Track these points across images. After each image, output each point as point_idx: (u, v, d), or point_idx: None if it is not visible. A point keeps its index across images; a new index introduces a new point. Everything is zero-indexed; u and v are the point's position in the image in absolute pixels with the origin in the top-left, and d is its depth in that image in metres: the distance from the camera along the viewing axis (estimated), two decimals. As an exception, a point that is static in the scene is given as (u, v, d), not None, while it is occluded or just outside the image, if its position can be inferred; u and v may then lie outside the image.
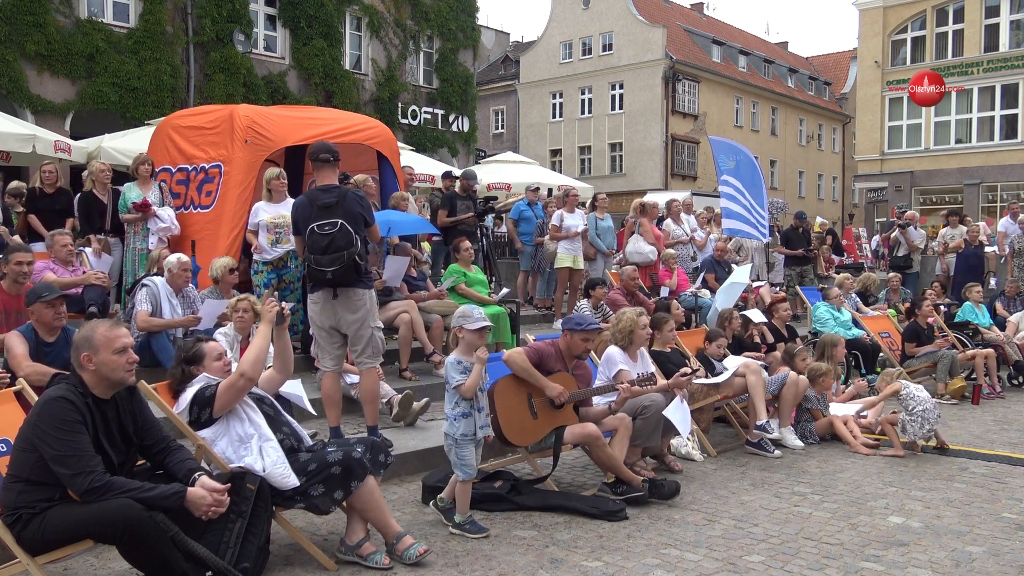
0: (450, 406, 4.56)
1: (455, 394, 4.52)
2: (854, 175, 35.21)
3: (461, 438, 4.51)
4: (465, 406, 4.51)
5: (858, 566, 4.18)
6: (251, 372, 4.08)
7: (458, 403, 4.52)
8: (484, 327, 4.60)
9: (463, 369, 4.52)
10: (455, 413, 4.52)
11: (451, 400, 4.55)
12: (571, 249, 10.74)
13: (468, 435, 4.51)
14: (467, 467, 4.53)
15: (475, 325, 4.57)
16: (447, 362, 4.59)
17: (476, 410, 4.54)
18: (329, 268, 5.26)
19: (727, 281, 9.51)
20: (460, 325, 4.61)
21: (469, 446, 4.53)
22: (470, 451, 4.54)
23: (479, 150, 26.67)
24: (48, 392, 3.46)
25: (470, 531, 4.53)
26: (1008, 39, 28.08)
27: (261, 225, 7.63)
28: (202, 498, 3.45)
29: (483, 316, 4.65)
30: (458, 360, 4.55)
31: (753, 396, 6.46)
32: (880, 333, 9.68)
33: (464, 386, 4.48)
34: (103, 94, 16.88)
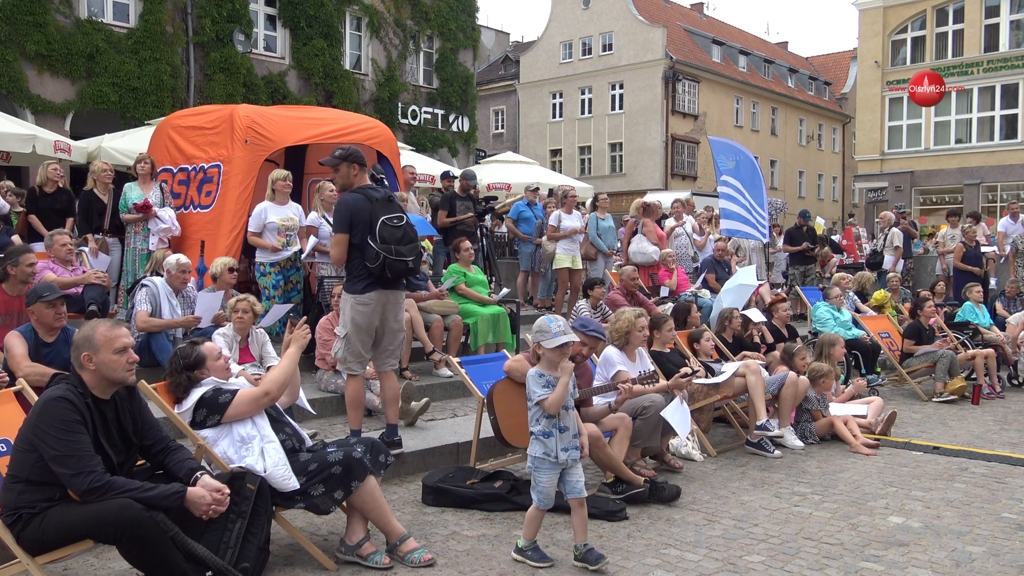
0: (532, 424, 4.12)
1: (538, 410, 4.07)
2: (854, 175, 35.22)
3: (539, 460, 4.07)
4: (546, 424, 4.05)
5: (858, 566, 4.18)
6: (276, 392, 4.15)
7: (539, 420, 4.08)
8: (566, 343, 4.07)
9: (546, 383, 4.05)
10: (537, 430, 4.08)
11: (533, 417, 4.11)
12: (569, 249, 10.74)
13: (547, 456, 4.03)
14: (542, 495, 4.07)
15: (554, 342, 4.06)
16: (528, 375, 4.13)
17: (558, 429, 4.05)
18: (410, 257, 5.22)
19: (734, 282, 9.50)
20: (538, 342, 4.14)
21: (548, 471, 4.05)
22: (548, 477, 4.05)
23: (479, 150, 26.67)
24: (48, 392, 3.46)
25: (532, 558, 4.14)
26: (1008, 39, 28.08)
27: (270, 227, 7.62)
28: (202, 497, 3.44)
29: (563, 329, 4.11)
30: (540, 373, 4.09)
31: (753, 396, 6.47)
32: (880, 333, 9.68)
33: (547, 400, 4.00)
34: (103, 94, 16.88)
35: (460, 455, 5.86)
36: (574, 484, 4.09)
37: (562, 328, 4.10)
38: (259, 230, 7.66)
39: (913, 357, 9.24)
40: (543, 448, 4.04)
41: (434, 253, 11.06)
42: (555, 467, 4.04)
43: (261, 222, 7.64)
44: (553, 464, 4.03)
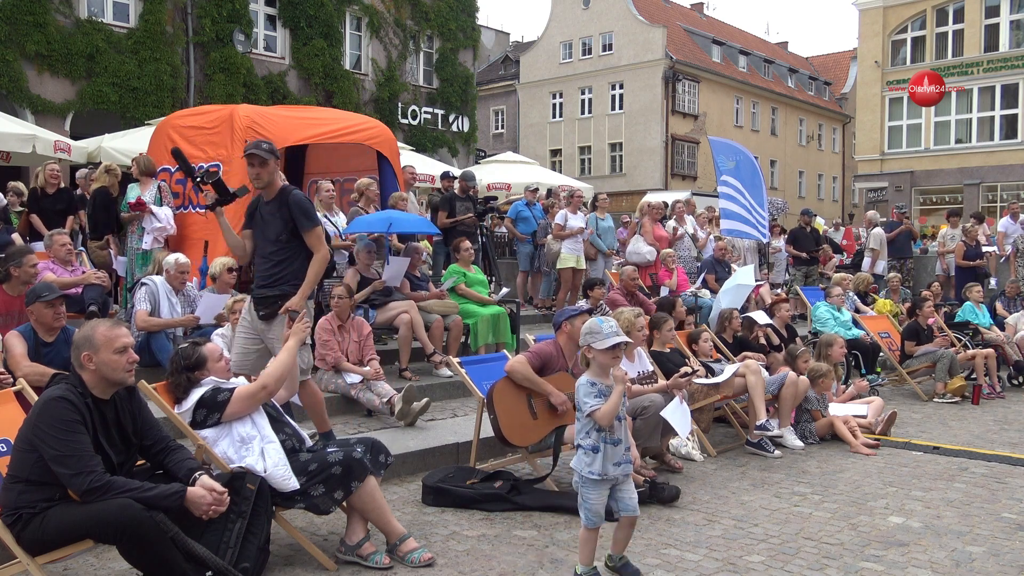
0: (581, 435, 3.78)
1: (588, 422, 3.74)
2: (854, 175, 35.22)
3: (587, 477, 3.72)
4: (596, 438, 3.71)
5: (858, 566, 4.18)
6: (274, 386, 4.14)
7: (589, 432, 3.74)
8: (617, 344, 3.75)
9: (598, 392, 3.73)
10: (587, 444, 3.74)
11: (583, 429, 3.77)
12: (574, 249, 10.75)
13: (597, 475, 3.71)
14: (591, 512, 3.74)
15: (606, 343, 3.73)
16: (578, 384, 3.81)
17: (610, 443, 3.72)
18: None
19: (731, 282, 9.50)
20: (588, 344, 3.78)
21: (598, 488, 3.72)
22: (598, 494, 3.72)
23: (479, 150, 26.67)
24: (47, 392, 3.46)
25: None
26: (1008, 39, 28.07)
27: None
28: (202, 497, 3.44)
29: (615, 330, 3.78)
30: (591, 381, 3.76)
31: (753, 396, 6.47)
32: (880, 333, 9.67)
33: (600, 411, 3.67)
34: (103, 94, 16.89)
35: (460, 455, 5.86)
36: (627, 501, 3.79)
37: (614, 329, 3.78)
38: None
39: (913, 357, 9.24)
40: (592, 464, 3.71)
41: (434, 253, 11.07)
42: (605, 483, 3.73)
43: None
44: (602, 480, 3.71)
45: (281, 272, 5.06)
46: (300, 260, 5.07)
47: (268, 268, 5.11)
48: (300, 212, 5.02)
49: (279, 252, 5.07)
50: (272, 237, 5.07)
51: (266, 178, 5.05)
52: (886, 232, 14.16)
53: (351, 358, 6.69)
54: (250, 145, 5.05)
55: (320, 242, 5.10)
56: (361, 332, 6.85)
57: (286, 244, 5.05)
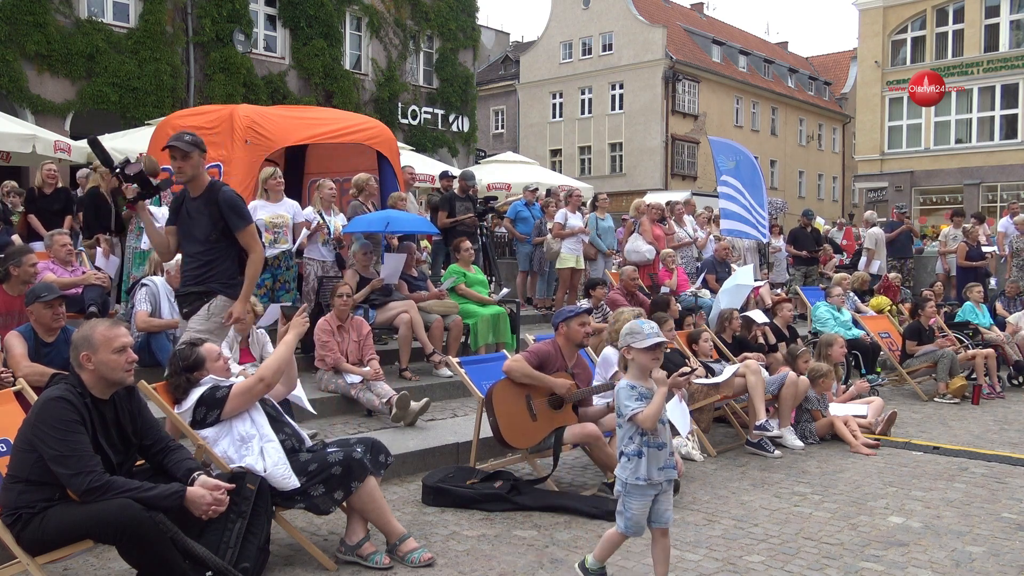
0: (623, 442, 3.65)
1: (630, 427, 3.62)
2: (854, 175, 35.21)
3: (632, 483, 3.59)
4: (639, 443, 3.59)
5: (858, 566, 4.18)
6: (272, 379, 4.12)
7: (632, 438, 3.61)
8: (658, 344, 3.63)
9: (639, 395, 3.61)
10: (630, 450, 3.61)
11: (626, 435, 3.65)
12: (574, 249, 10.75)
13: (643, 479, 3.57)
14: (631, 522, 3.61)
15: (646, 342, 3.60)
16: (618, 388, 3.68)
17: (654, 447, 3.59)
18: None
19: (731, 282, 9.50)
20: (628, 344, 3.66)
21: (642, 495, 3.58)
22: (641, 503, 3.59)
23: (479, 150, 26.67)
24: (47, 392, 3.46)
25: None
26: (1008, 39, 28.06)
27: (259, 224, 7.60)
28: (202, 497, 3.44)
29: (655, 331, 3.67)
30: (632, 385, 3.64)
31: (753, 396, 6.47)
32: (880, 333, 9.67)
33: (642, 414, 3.54)
34: (103, 94, 16.89)
35: (460, 455, 5.85)
36: (663, 512, 3.65)
37: (655, 329, 3.68)
38: None
39: (913, 357, 9.24)
40: (636, 469, 3.58)
41: (434, 253, 11.07)
42: (649, 490, 3.59)
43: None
44: (647, 487, 3.58)
45: (208, 273, 4.81)
46: (230, 260, 4.84)
47: (195, 268, 4.86)
48: (231, 210, 4.76)
49: (208, 252, 4.81)
50: (200, 236, 4.80)
51: (189, 172, 4.77)
52: (887, 232, 14.16)
53: (350, 358, 6.69)
54: (172, 137, 4.77)
55: (255, 240, 4.87)
56: (360, 332, 6.85)
57: (215, 244, 4.79)
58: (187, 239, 4.88)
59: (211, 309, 4.85)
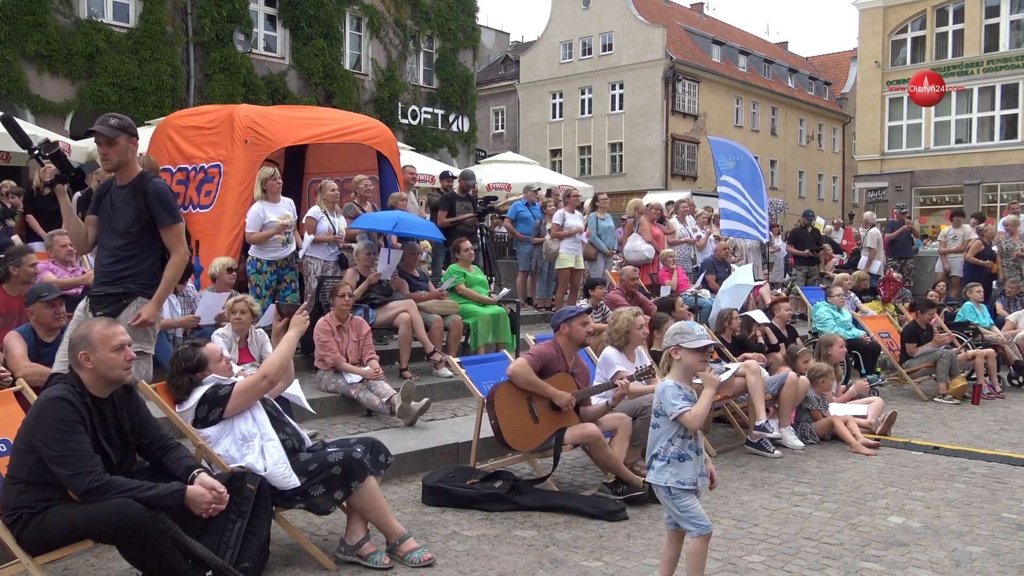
0: (661, 443, 3.54)
1: (672, 427, 3.51)
2: (854, 175, 35.20)
3: (676, 488, 3.50)
4: (682, 445, 3.51)
5: (858, 566, 4.18)
6: (274, 375, 4.11)
7: (673, 440, 3.51)
8: (708, 346, 3.59)
9: (685, 395, 3.52)
10: (670, 454, 3.50)
11: (665, 436, 3.53)
12: (573, 249, 10.75)
13: (690, 483, 3.51)
14: (697, 519, 3.51)
15: (697, 343, 3.55)
16: (662, 388, 3.58)
17: (694, 451, 3.54)
18: None
19: (731, 282, 9.49)
20: (677, 344, 3.59)
21: (688, 496, 3.53)
22: (693, 500, 3.54)
23: (479, 150, 26.67)
24: (46, 392, 3.45)
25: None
26: (1008, 39, 28.06)
27: (270, 225, 7.60)
28: (202, 495, 3.45)
29: (705, 334, 3.63)
30: (678, 385, 3.55)
31: (753, 396, 6.46)
32: (880, 333, 9.67)
33: (691, 413, 3.47)
34: (103, 94, 16.89)
35: (460, 455, 5.85)
36: None
37: (705, 332, 3.64)
38: (258, 230, 7.64)
39: (913, 357, 9.24)
40: (679, 473, 3.49)
41: (434, 253, 11.07)
42: (692, 492, 3.53)
43: (260, 222, 7.61)
44: (694, 489, 3.52)
45: (125, 270, 4.42)
46: (151, 259, 4.46)
47: (111, 264, 4.45)
48: (160, 204, 4.39)
49: (127, 247, 4.42)
50: (121, 228, 4.42)
51: (115, 159, 4.39)
52: (887, 232, 14.16)
53: (350, 358, 6.69)
54: (97, 121, 4.39)
55: (180, 241, 4.49)
56: (360, 332, 6.85)
57: (136, 238, 4.41)
58: (106, 231, 4.48)
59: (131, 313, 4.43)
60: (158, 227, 4.42)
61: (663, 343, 3.72)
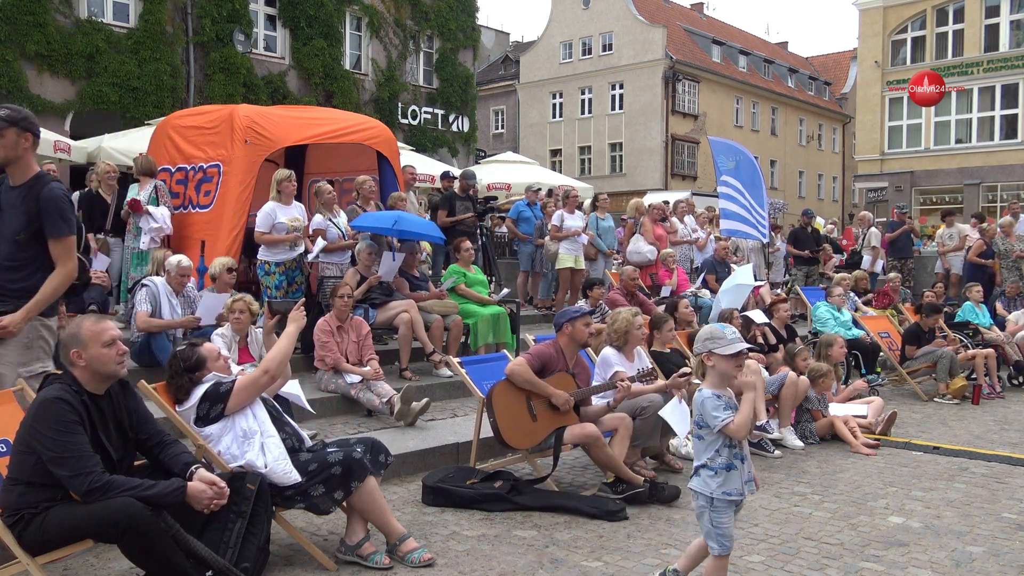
0: (708, 454, 3.44)
1: (718, 439, 3.40)
2: (854, 175, 35.20)
3: (721, 499, 3.38)
4: (728, 455, 3.40)
5: (858, 566, 4.18)
6: (276, 370, 4.11)
7: (720, 450, 3.40)
8: (742, 351, 3.46)
9: (726, 404, 3.42)
10: (717, 464, 3.40)
11: (711, 447, 3.43)
12: (572, 249, 10.74)
13: (731, 494, 3.39)
14: (725, 538, 3.39)
15: (730, 349, 3.43)
16: (701, 399, 3.45)
17: (740, 460, 3.43)
18: None
19: (731, 282, 9.49)
20: (709, 350, 3.47)
21: (727, 510, 3.39)
22: (730, 516, 3.40)
23: (479, 150, 26.66)
24: (43, 393, 3.44)
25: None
26: (1008, 39, 28.06)
27: (279, 227, 7.60)
28: (202, 492, 3.45)
29: (737, 336, 3.51)
30: (716, 394, 3.43)
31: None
32: (880, 333, 9.67)
33: (736, 423, 3.35)
34: (103, 94, 16.88)
35: (460, 455, 5.86)
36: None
37: (737, 335, 3.51)
38: (269, 230, 7.64)
39: (913, 358, 9.24)
40: (724, 484, 3.37)
41: (434, 253, 11.06)
42: (733, 505, 3.41)
43: (271, 222, 7.60)
44: (739, 500, 3.42)
45: (13, 282, 3.92)
46: (41, 274, 3.94)
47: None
48: (53, 212, 3.90)
49: (13, 255, 3.92)
50: (8, 234, 3.92)
51: (1, 154, 3.91)
52: (888, 232, 14.16)
53: (350, 358, 6.69)
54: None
55: (68, 255, 3.97)
56: (360, 332, 6.85)
57: (24, 247, 3.92)
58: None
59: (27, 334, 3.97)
60: (47, 236, 3.91)
61: (694, 349, 3.61)
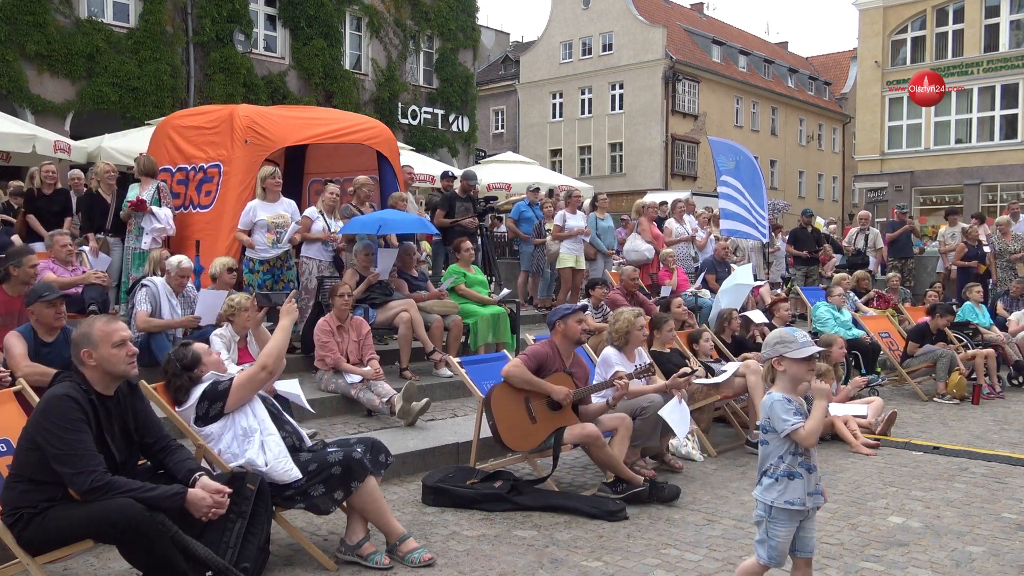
0: (771, 460, 3.32)
1: (784, 444, 3.27)
2: (854, 175, 35.20)
3: (783, 508, 3.23)
4: (791, 463, 3.26)
5: (858, 566, 4.18)
6: (273, 366, 4.10)
7: (783, 457, 3.27)
8: (813, 354, 3.30)
9: (796, 410, 3.26)
10: (779, 471, 3.27)
11: (775, 453, 3.30)
12: (573, 249, 10.76)
13: (798, 504, 3.23)
14: (776, 551, 3.25)
15: (801, 352, 3.27)
16: (771, 402, 3.30)
17: (805, 469, 3.26)
18: None
19: (731, 282, 9.49)
20: (780, 354, 3.31)
21: (791, 521, 3.24)
22: (788, 529, 3.25)
23: (479, 150, 26.66)
24: (52, 390, 3.46)
25: None
26: (1008, 39, 28.06)
27: (260, 224, 7.62)
28: (202, 499, 3.45)
29: (808, 339, 3.35)
30: (787, 398, 3.28)
31: (753, 396, 6.47)
32: (880, 333, 9.67)
33: (805, 429, 3.20)
34: (103, 94, 16.88)
35: (460, 455, 5.86)
36: (808, 539, 3.31)
37: (808, 339, 3.35)
38: (248, 228, 7.64)
39: (913, 357, 9.24)
40: (788, 493, 3.23)
41: (434, 253, 11.06)
42: (798, 517, 3.27)
43: (251, 220, 7.61)
44: (797, 513, 3.25)
45: None
46: None
47: None
48: None
49: None
50: None
51: None
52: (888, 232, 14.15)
53: (351, 358, 6.69)
54: None
55: None
56: (360, 332, 6.85)
57: None
58: None
59: None
60: None
61: (762, 354, 3.53)
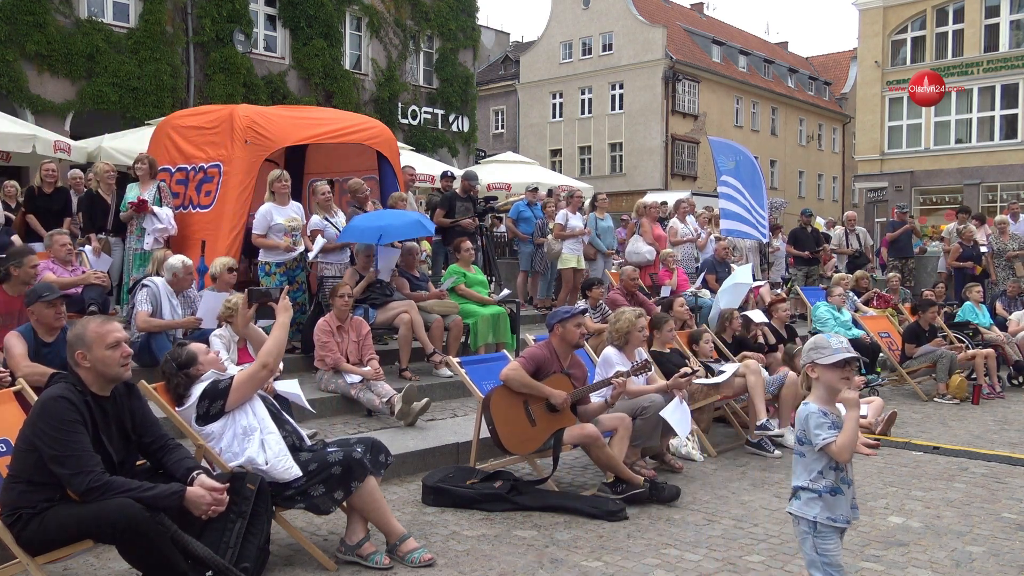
0: (809, 476, 3.18)
1: (821, 459, 3.15)
2: (854, 175, 35.19)
3: (826, 524, 3.12)
4: (834, 478, 3.16)
5: (858, 566, 4.18)
6: (273, 363, 4.10)
7: (823, 472, 3.16)
8: (849, 359, 3.14)
9: (831, 423, 3.13)
10: (821, 486, 3.15)
11: (814, 468, 3.18)
12: (575, 249, 10.76)
13: (837, 521, 3.14)
14: (833, 567, 3.13)
15: (833, 358, 3.12)
16: (805, 414, 3.18)
17: (847, 484, 3.19)
18: None
19: (730, 282, 9.49)
20: (812, 360, 3.18)
21: (834, 536, 3.15)
22: (836, 543, 3.14)
23: (479, 150, 26.66)
24: (47, 392, 3.45)
25: None
26: (1008, 39, 28.05)
27: (276, 228, 7.60)
28: (201, 497, 3.45)
29: (844, 345, 3.18)
30: (823, 411, 3.15)
31: (753, 396, 6.47)
32: (880, 333, 9.67)
33: (838, 443, 3.09)
34: (103, 94, 16.88)
35: (460, 455, 5.86)
36: None
37: (844, 344, 3.19)
38: (265, 232, 7.63)
39: (913, 358, 9.24)
40: (831, 510, 3.13)
41: (434, 253, 11.06)
42: (840, 531, 3.17)
43: (267, 224, 7.60)
44: (840, 529, 3.16)
45: None
46: None
47: None
48: None
49: None
50: None
51: None
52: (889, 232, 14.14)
53: (350, 358, 6.69)
54: None
55: None
56: (360, 332, 6.85)
57: None
58: None
59: None
60: None
61: (799, 362, 3.44)
